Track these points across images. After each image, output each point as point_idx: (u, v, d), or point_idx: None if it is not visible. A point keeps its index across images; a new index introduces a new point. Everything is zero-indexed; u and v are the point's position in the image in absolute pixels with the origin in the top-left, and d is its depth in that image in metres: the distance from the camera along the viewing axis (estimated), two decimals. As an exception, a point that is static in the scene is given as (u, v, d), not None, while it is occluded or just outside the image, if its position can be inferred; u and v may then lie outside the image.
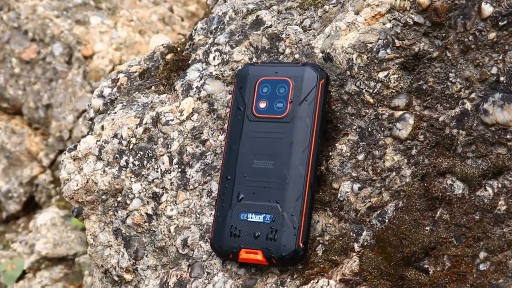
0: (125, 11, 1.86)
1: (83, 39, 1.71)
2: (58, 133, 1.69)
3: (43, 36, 1.75)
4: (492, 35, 0.62)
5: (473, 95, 0.63)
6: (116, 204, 0.78)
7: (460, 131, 0.64)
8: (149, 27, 1.87)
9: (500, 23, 0.61)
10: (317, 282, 0.67)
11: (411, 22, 0.66)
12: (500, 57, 0.62)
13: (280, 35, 0.75)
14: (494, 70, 0.62)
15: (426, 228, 0.64)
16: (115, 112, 0.81)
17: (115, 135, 0.79)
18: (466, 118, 0.64)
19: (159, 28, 1.91)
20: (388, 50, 0.67)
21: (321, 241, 0.69)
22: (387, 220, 0.66)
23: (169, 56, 0.86)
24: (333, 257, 0.68)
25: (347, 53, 0.69)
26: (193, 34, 0.84)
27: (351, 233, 0.68)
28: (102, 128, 0.80)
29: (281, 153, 0.68)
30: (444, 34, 0.65)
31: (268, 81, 0.70)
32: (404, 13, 0.66)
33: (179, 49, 0.88)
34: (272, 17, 0.77)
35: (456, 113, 0.64)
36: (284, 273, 0.68)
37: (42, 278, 1.47)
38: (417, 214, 0.65)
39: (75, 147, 0.80)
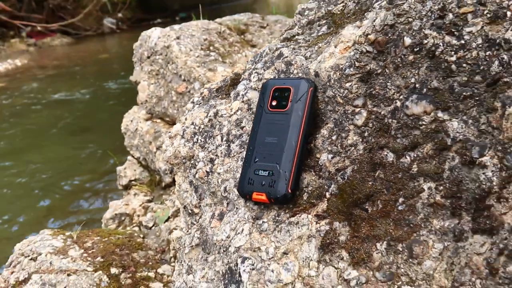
0: (240, 64, 2.06)
1: (211, 79, 1.92)
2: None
3: (189, 77, 1.98)
4: (411, 57, 0.70)
5: (401, 97, 0.72)
6: (190, 165, 0.94)
7: (393, 120, 0.73)
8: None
9: (415, 49, 0.70)
10: (300, 215, 0.77)
11: (365, 51, 0.76)
12: (417, 71, 0.70)
13: (291, 62, 0.88)
14: (413, 80, 0.70)
15: (369, 183, 0.73)
16: (194, 110, 0.98)
17: (192, 123, 0.95)
18: (396, 111, 0.72)
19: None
20: (351, 69, 0.77)
21: (306, 191, 0.79)
22: (346, 178, 0.76)
23: (233, 78, 1.01)
24: (312, 201, 0.78)
25: (327, 71, 0.80)
26: (247, 63, 0.99)
27: (325, 186, 0.78)
28: (186, 119, 0.97)
29: (282, 133, 0.80)
30: (384, 58, 0.74)
31: (278, 89, 0.83)
32: (361, 45, 0.76)
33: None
34: (289, 51, 0.90)
35: (391, 109, 0.73)
36: (281, 209, 0.79)
37: (177, 222, 1.68)
38: (364, 173, 0.74)
39: (170, 131, 0.98)
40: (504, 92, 0.61)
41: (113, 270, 1.38)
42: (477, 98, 0.64)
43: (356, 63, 0.76)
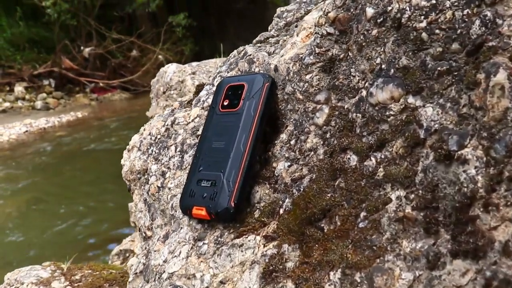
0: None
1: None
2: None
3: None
4: (375, 31, 0.53)
5: (366, 84, 0.54)
6: (144, 181, 0.78)
7: (358, 114, 0.55)
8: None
9: (379, 21, 0.52)
10: (247, 237, 0.59)
11: (325, 33, 0.59)
12: (382, 49, 0.52)
13: (253, 59, 0.72)
14: (378, 60, 0.53)
15: (328, 194, 0.55)
16: (153, 120, 0.83)
17: (150, 133, 0.81)
18: (361, 103, 0.54)
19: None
20: (311, 57, 0.61)
21: (258, 207, 0.61)
22: (301, 189, 0.58)
23: (199, 85, 0.87)
24: (263, 219, 0.60)
25: (287, 63, 0.64)
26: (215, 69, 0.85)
27: (280, 201, 0.60)
28: (144, 129, 0.83)
29: (230, 135, 0.63)
30: (347, 39, 0.57)
31: (232, 86, 0.67)
32: (321, 27, 0.60)
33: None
34: (253, 49, 0.75)
35: (356, 100, 0.55)
36: (225, 228, 0.62)
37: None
38: (323, 183, 0.56)
39: (128, 143, 0.84)
40: (488, 60, 0.42)
41: (94, 306, 1.21)
42: (456, 73, 0.45)
43: (316, 49, 0.60)
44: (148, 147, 0.79)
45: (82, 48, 9.11)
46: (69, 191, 4.60)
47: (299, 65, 0.62)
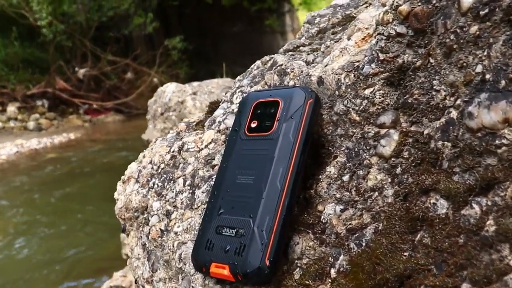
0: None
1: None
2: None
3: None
4: (474, 28, 0.39)
5: (458, 102, 0.39)
6: (143, 221, 0.62)
7: (445, 143, 0.40)
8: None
9: (481, 13, 0.38)
10: (286, 307, 0.43)
11: (394, 34, 0.45)
12: (485, 53, 0.38)
13: (286, 70, 0.57)
14: (479, 69, 0.38)
15: (405, 253, 0.39)
16: (155, 144, 0.68)
17: (151, 161, 0.65)
18: (451, 127, 0.39)
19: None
20: (373, 65, 0.46)
21: (299, 264, 0.46)
22: (364, 244, 0.42)
23: (214, 102, 0.72)
24: (307, 282, 0.45)
25: (336, 74, 0.49)
26: (234, 83, 0.70)
27: (330, 258, 0.44)
28: (144, 156, 0.67)
29: (262, 168, 0.48)
30: (426, 41, 0.43)
31: (262, 103, 0.52)
32: (387, 25, 0.46)
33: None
34: (285, 58, 0.61)
35: (441, 124, 0.40)
36: (255, 293, 0.46)
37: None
38: (396, 237, 0.40)
39: (124, 173, 0.68)
40: None
41: None
42: None
43: (380, 55, 0.46)
44: (149, 178, 0.63)
45: (76, 69, 8.98)
46: (58, 217, 4.39)
47: (354, 76, 0.47)
